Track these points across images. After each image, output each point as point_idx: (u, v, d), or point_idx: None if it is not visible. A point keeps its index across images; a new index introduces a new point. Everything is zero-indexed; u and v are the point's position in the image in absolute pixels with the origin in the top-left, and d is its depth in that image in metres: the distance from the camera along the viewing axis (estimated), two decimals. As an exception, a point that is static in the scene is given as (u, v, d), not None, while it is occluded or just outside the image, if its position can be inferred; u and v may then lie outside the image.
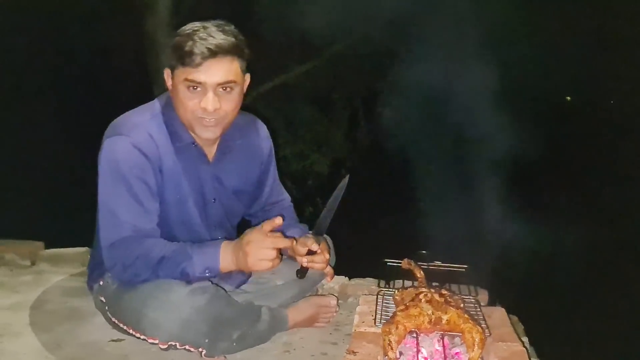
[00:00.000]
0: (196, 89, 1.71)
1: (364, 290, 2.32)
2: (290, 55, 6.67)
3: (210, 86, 1.70)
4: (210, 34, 1.69)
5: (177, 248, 1.73)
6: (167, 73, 1.79)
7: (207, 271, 1.71)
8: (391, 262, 2.09)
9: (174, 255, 1.71)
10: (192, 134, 1.84)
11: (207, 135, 1.80)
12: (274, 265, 1.69)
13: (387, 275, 2.14)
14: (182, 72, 1.70)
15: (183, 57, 1.68)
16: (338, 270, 2.36)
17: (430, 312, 1.61)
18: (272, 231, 1.70)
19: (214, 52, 1.67)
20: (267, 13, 6.20)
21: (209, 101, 1.71)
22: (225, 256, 1.71)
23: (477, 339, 1.55)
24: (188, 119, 1.76)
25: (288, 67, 6.69)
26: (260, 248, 1.66)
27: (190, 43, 1.67)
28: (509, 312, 1.95)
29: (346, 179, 1.91)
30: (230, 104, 1.76)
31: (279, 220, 1.71)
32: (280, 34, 6.39)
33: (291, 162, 6.70)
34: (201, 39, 1.67)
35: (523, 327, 2.13)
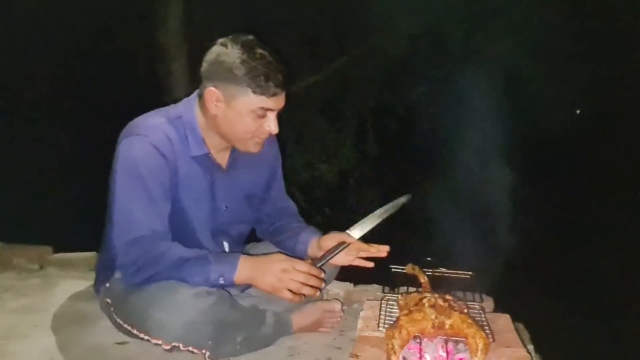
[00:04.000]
0: (262, 113, 1.77)
1: (369, 297, 2.31)
2: (299, 65, 6.71)
3: (276, 112, 1.79)
4: (272, 62, 1.73)
5: (197, 253, 1.75)
6: (214, 93, 1.77)
7: (221, 279, 1.72)
8: (396, 268, 2.09)
9: (192, 259, 1.72)
10: (208, 144, 1.87)
11: (257, 149, 1.87)
12: (286, 295, 1.73)
13: (392, 282, 2.14)
14: (254, 100, 1.74)
15: (257, 88, 1.72)
16: (343, 276, 2.37)
17: (433, 316, 1.61)
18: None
19: (286, 85, 1.76)
20: (277, 23, 6.25)
21: (275, 125, 1.81)
22: (243, 269, 1.73)
23: (480, 344, 1.54)
24: (243, 138, 1.82)
25: (297, 77, 6.72)
26: (277, 269, 1.72)
27: (263, 76, 1.71)
28: (515, 319, 1.94)
29: (405, 198, 2.02)
30: None
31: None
32: (289, 43, 6.44)
33: (299, 172, 6.71)
34: (272, 70, 1.72)
35: (529, 334, 2.11)
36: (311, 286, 1.72)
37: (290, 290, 1.71)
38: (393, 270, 2.10)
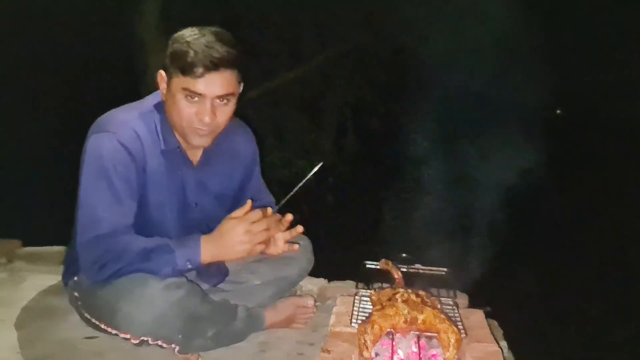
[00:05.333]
0: (194, 98, 1.70)
1: (343, 293, 2.31)
2: (279, 62, 6.69)
3: (209, 98, 1.70)
4: (212, 44, 1.66)
5: (158, 242, 1.72)
6: (161, 75, 1.76)
7: (188, 263, 1.70)
8: (371, 264, 2.08)
9: (155, 248, 1.70)
10: (179, 138, 1.83)
11: (199, 143, 1.79)
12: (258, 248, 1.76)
13: (366, 278, 2.13)
14: (181, 81, 1.68)
15: (184, 67, 1.66)
16: (318, 272, 2.36)
17: (406, 311, 1.60)
18: None
19: (216, 65, 1.66)
20: (257, 19, 6.23)
21: (207, 113, 1.70)
22: (207, 249, 1.72)
23: (452, 339, 1.54)
24: (182, 126, 1.75)
25: (277, 73, 6.70)
26: (240, 234, 1.72)
27: (192, 53, 1.65)
28: (489, 316, 1.95)
29: (317, 167, 2.03)
30: (225, 115, 1.76)
31: (247, 206, 1.78)
32: (270, 40, 6.42)
33: (278, 169, 6.68)
34: (203, 50, 1.65)
35: (502, 331, 2.12)
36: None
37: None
38: (367, 266, 2.09)
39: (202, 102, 1.70)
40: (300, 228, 1.92)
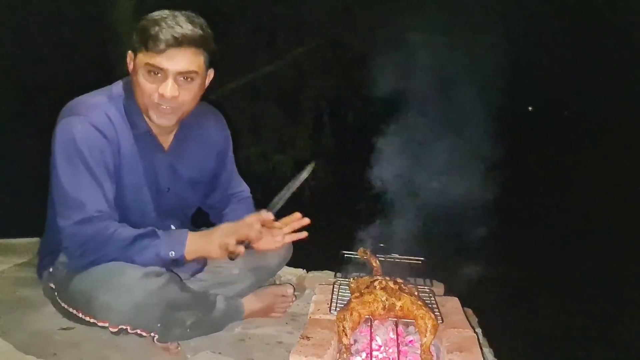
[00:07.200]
0: (157, 74, 1.68)
1: (322, 282, 2.32)
2: (257, 55, 6.67)
3: (171, 73, 1.68)
4: (179, 22, 1.66)
5: (144, 230, 1.71)
6: (129, 56, 1.75)
7: (172, 252, 1.69)
8: (349, 253, 2.10)
9: (140, 235, 1.69)
10: (149, 122, 1.82)
11: (162, 122, 1.77)
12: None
13: (344, 268, 2.15)
14: (145, 56, 1.67)
15: (147, 41, 1.65)
16: (296, 263, 2.37)
17: (384, 298, 1.63)
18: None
19: (179, 41, 1.65)
20: (235, 12, 6.20)
21: (168, 88, 1.68)
22: (193, 242, 1.72)
23: (429, 325, 1.56)
24: (145, 103, 1.73)
25: (254, 67, 6.68)
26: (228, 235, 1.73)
27: (156, 28, 1.64)
28: (464, 305, 1.99)
29: (311, 167, 1.96)
30: (188, 94, 1.74)
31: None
32: (247, 33, 6.40)
33: (254, 163, 6.67)
34: (168, 26, 1.65)
35: (477, 319, 2.16)
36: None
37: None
38: (345, 255, 2.11)
39: (164, 78, 1.69)
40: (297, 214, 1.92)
